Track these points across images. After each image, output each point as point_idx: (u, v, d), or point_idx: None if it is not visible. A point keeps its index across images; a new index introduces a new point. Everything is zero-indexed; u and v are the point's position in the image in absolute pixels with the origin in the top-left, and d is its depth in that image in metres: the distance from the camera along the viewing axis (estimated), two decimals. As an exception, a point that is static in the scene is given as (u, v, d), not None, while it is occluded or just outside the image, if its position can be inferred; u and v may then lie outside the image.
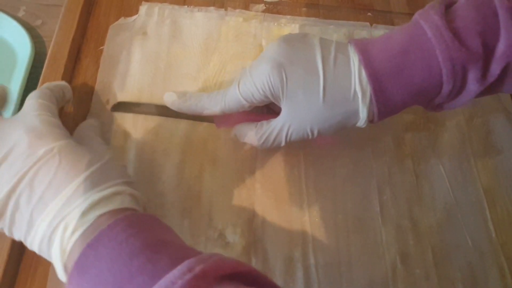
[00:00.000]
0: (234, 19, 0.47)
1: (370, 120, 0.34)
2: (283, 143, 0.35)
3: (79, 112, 0.40)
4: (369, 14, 0.51)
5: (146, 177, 0.38)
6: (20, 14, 0.47)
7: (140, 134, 0.40)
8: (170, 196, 0.37)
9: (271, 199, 0.38)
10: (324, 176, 0.40)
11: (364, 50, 0.33)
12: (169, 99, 0.38)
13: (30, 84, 0.42)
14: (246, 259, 0.35)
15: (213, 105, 0.36)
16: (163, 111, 0.40)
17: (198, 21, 0.46)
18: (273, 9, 0.49)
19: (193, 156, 0.39)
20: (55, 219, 0.27)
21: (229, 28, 0.47)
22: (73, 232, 0.27)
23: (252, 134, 0.36)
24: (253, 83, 0.33)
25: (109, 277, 0.24)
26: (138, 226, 0.27)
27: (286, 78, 0.33)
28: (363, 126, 0.34)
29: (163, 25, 0.46)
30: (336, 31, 0.48)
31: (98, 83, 0.42)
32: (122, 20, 0.45)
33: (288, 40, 0.34)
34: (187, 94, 0.37)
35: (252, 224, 0.37)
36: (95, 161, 0.30)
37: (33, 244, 0.28)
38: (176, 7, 0.47)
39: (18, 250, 0.34)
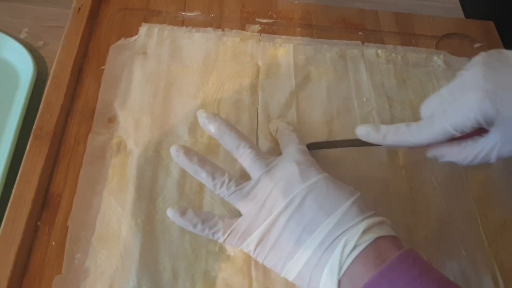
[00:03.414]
0: (231, 39, 0.49)
1: None
2: (492, 161, 0.34)
3: (81, 130, 0.41)
4: (360, 33, 0.53)
5: (147, 193, 0.39)
6: (22, 35, 0.48)
7: (140, 151, 0.41)
8: (171, 211, 0.38)
9: (271, 213, 0.39)
10: (321, 189, 0.41)
11: None
12: (364, 133, 0.37)
13: (32, 104, 0.43)
14: (247, 272, 0.36)
15: (417, 139, 0.35)
16: (355, 143, 0.38)
17: (196, 42, 0.48)
18: (269, 29, 0.51)
19: (193, 171, 0.40)
20: (328, 238, 0.29)
21: (227, 48, 0.48)
22: (353, 249, 0.29)
23: (456, 154, 0.35)
24: (464, 114, 0.32)
25: None
26: (422, 263, 0.29)
27: (500, 104, 0.31)
28: None
29: (163, 45, 0.47)
30: (329, 50, 0.50)
31: (100, 102, 0.43)
32: (122, 41, 0.47)
33: (487, 63, 0.33)
34: (381, 128, 0.36)
35: (252, 237, 0.38)
36: (354, 193, 0.33)
37: (294, 268, 0.30)
38: (175, 28, 0.49)
39: (21, 267, 0.34)
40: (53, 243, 0.36)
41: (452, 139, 0.34)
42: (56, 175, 0.39)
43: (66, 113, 0.42)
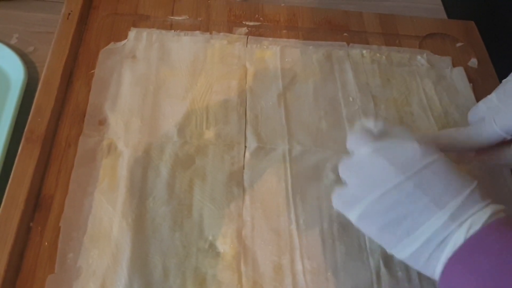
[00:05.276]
0: (219, 42, 0.50)
1: None
2: None
3: (72, 133, 0.42)
4: (345, 34, 0.54)
5: (137, 193, 0.39)
6: (13, 41, 0.49)
7: (130, 152, 0.41)
8: (160, 210, 0.39)
9: (259, 210, 0.40)
10: (309, 186, 0.42)
11: None
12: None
13: (23, 108, 0.43)
14: (236, 267, 0.37)
15: (468, 144, 0.36)
16: None
17: (184, 45, 0.49)
18: (255, 32, 0.52)
19: (183, 172, 0.41)
20: (455, 218, 0.29)
21: (215, 51, 0.49)
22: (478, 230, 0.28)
23: (506, 156, 0.36)
24: None
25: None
26: None
27: None
28: None
29: (152, 49, 0.48)
30: (315, 51, 0.51)
31: (90, 105, 0.44)
32: (112, 45, 0.48)
33: None
34: (428, 135, 0.37)
35: (241, 234, 0.39)
36: (473, 179, 0.31)
37: (413, 243, 0.29)
38: (163, 31, 0.50)
39: (14, 267, 0.35)
40: (46, 243, 0.36)
41: (502, 142, 0.35)
42: (47, 177, 0.39)
43: (57, 117, 0.42)
